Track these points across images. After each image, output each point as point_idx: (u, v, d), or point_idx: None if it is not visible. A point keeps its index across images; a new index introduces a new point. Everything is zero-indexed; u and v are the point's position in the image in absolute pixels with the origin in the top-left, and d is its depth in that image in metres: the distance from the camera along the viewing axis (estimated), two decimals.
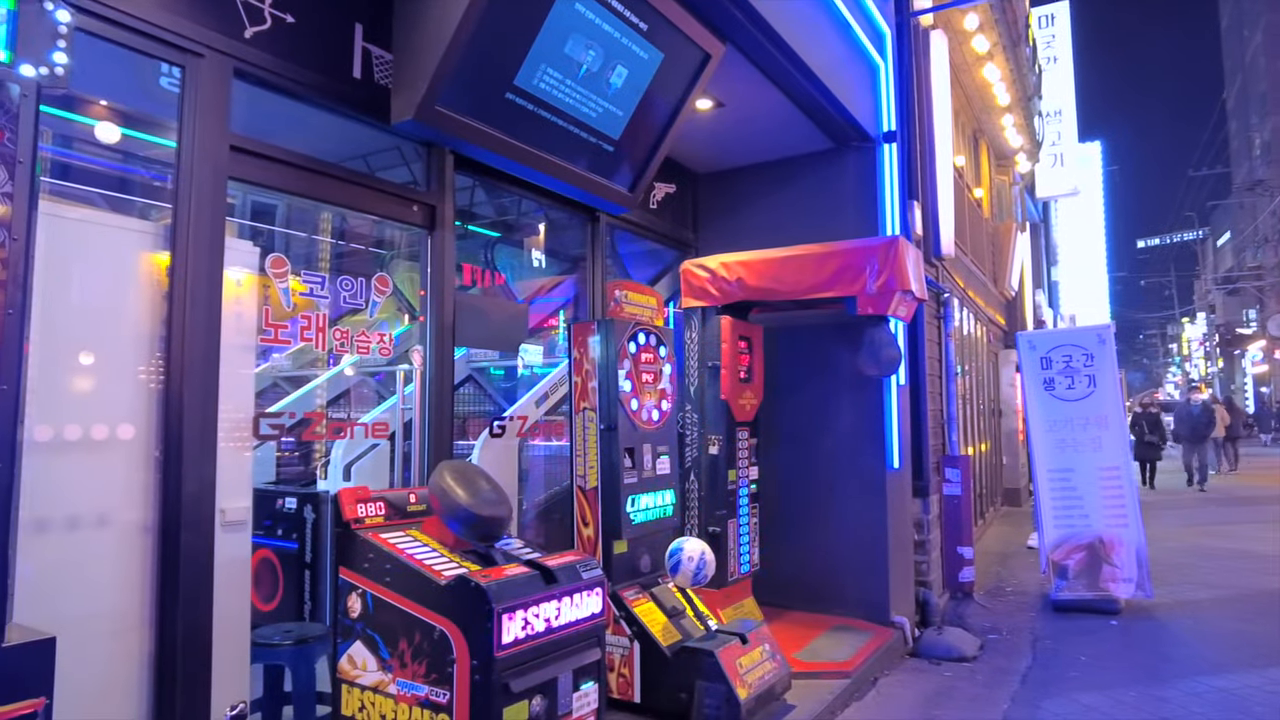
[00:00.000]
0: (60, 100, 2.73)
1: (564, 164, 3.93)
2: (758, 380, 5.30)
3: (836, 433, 5.46)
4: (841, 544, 5.37)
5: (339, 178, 3.38)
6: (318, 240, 4.85)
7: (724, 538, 4.89)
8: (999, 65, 9.66)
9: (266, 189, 3.22)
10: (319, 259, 4.83)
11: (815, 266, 4.68)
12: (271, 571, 4.15)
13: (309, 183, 3.28)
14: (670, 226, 5.94)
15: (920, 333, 6.20)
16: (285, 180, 3.21)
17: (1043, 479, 6.21)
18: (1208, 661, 4.95)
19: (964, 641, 5.31)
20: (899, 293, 4.48)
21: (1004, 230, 12.26)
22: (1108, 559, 5.91)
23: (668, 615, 3.83)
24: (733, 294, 4.95)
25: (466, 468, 2.91)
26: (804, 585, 5.43)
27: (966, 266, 9.56)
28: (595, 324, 3.97)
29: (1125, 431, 6.11)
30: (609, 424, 3.89)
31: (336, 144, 3.61)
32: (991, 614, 6.10)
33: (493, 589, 2.38)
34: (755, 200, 6.04)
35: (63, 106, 2.98)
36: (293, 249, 4.95)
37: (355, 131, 3.60)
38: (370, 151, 4.00)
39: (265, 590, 4.12)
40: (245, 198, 4.14)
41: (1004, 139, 11.96)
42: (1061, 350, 6.23)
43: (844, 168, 5.66)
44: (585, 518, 3.90)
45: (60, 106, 2.92)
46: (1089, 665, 4.92)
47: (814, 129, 5.36)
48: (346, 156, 3.80)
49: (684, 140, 5.55)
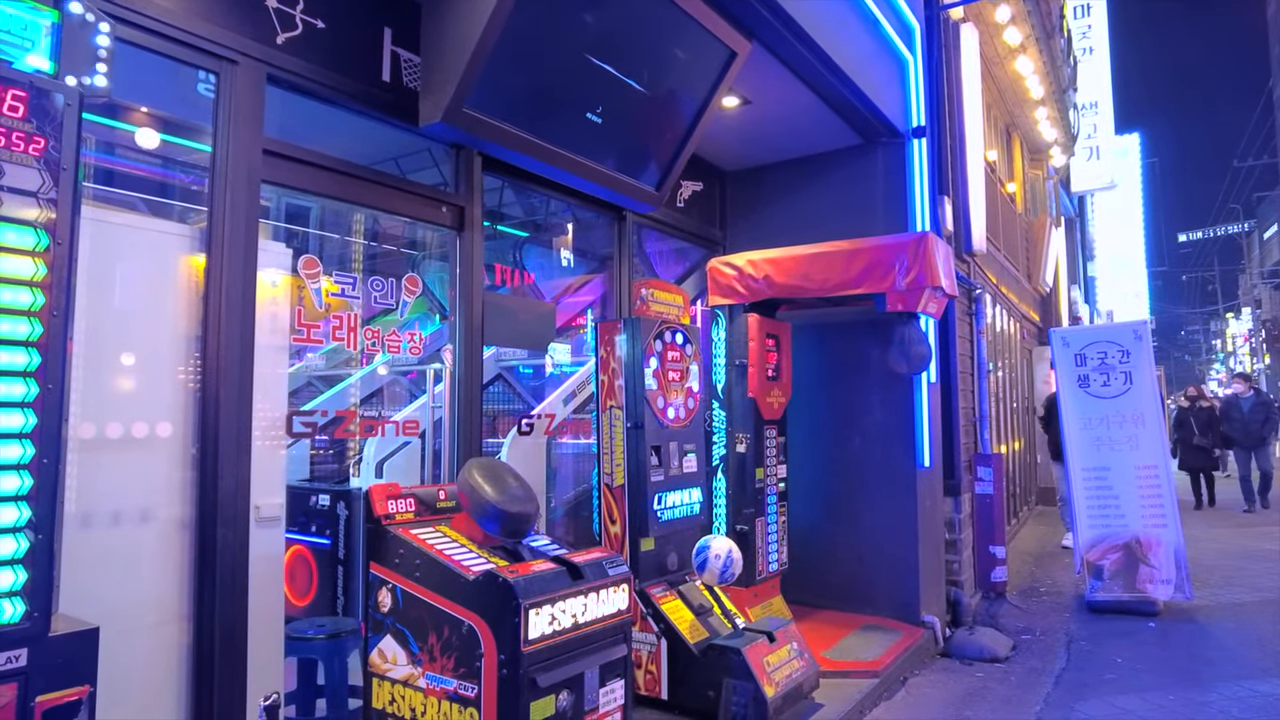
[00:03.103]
0: (101, 108, 2.81)
1: (591, 164, 3.96)
2: (785, 378, 5.28)
3: (866, 431, 5.42)
4: (871, 543, 5.33)
5: (369, 180, 3.44)
6: (351, 241, 4.93)
7: (752, 536, 4.88)
8: (1032, 58, 9.51)
9: (299, 191, 3.28)
10: (352, 260, 4.91)
11: (843, 264, 4.65)
12: (306, 567, 4.23)
13: (340, 185, 3.34)
14: (698, 224, 5.94)
15: (951, 330, 6.13)
16: (317, 183, 3.27)
17: (1077, 478, 6.10)
18: (1250, 666, 4.84)
19: (996, 642, 5.25)
20: (929, 289, 4.44)
21: (1038, 225, 12.06)
22: (1145, 560, 5.80)
23: (695, 613, 3.84)
24: (760, 292, 4.94)
25: (495, 465, 2.95)
26: (834, 584, 5.41)
27: (999, 262, 9.43)
28: (621, 323, 3.99)
29: (1163, 429, 5.98)
30: (635, 422, 3.91)
31: (368, 147, 3.68)
32: (1025, 614, 6.01)
33: (520, 584, 2.41)
34: (783, 197, 6.02)
35: (103, 114, 3.07)
36: (327, 250, 5.04)
37: (386, 134, 3.66)
38: (402, 154, 4.07)
39: (300, 585, 4.21)
40: (280, 200, 4.23)
41: (1037, 133, 11.77)
42: (1096, 347, 6.12)
43: (872, 164, 5.61)
44: (613, 515, 3.92)
45: (101, 114, 3.00)
46: (1125, 668, 4.83)
47: (842, 125, 5.33)
48: (378, 159, 3.86)
49: (711, 138, 5.55)
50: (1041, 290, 12.12)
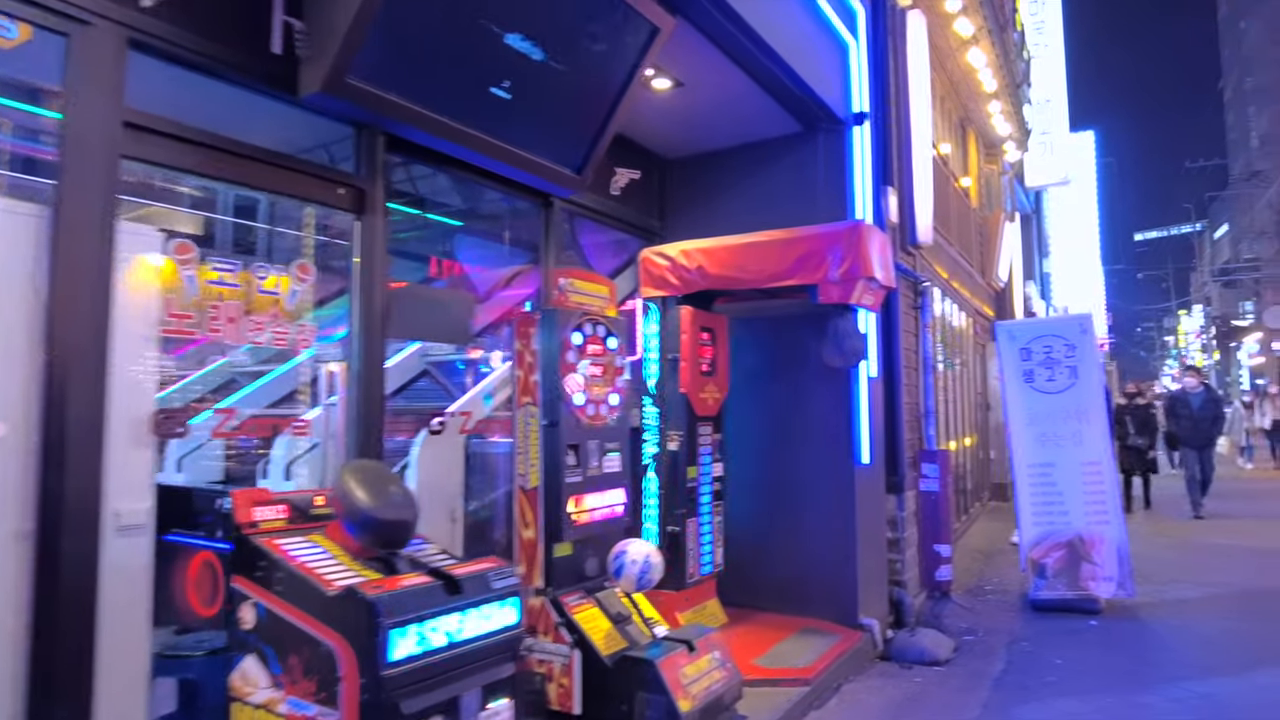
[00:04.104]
0: None
1: (502, 144, 3.72)
2: (722, 373, 5.09)
3: (805, 427, 5.25)
4: (810, 543, 5.16)
5: (251, 158, 3.16)
6: (254, 226, 4.63)
7: (683, 537, 4.69)
8: (984, 50, 9.43)
9: (168, 169, 3.00)
10: (253, 245, 4.61)
11: (777, 254, 4.46)
12: (211, 575, 3.93)
13: (217, 163, 3.06)
14: (635, 214, 5.71)
15: (895, 323, 5.98)
16: (190, 160, 2.99)
17: (1022, 474, 5.99)
18: (1190, 665, 4.75)
19: (938, 644, 5.11)
20: (862, 280, 4.26)
21: (992, 220, 12.03)
22: (1088, 557, 5.70)
23: (613, 621, 3.62)
24: (694, 283, 4.74)
25: (374, 469, 2.70)
26: (772, 586, 5.22)
27: (951, 257, 9.34)
28: (537, 315, 3.76)
29: (1107, 425, 5.89)
30: (552, 420, 3.68)
31: (292, 132, 3.41)
32: (970, 614, 5.89)
33: (382, 601, 2.17)
34: (725, 187, 5.81)
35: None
36: (230, 236, 4.74)
37: (314, 120, 3.39)
38: (334, 140, 3.80)
39: (205, 594, 3.90)
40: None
41: (991, 127, 11.73)
42: (1042, 340, 6.01)
43: (813, 152, 5.43)
44: (526, 519, 3.69)
45: None
46: (1066, 669, 4.71)
47: (780, 111, 5.14)
48: (306, 146, 3.59)
49: (647, 123, 5.33)
50: (995, 286, 12.09)
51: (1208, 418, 10.48)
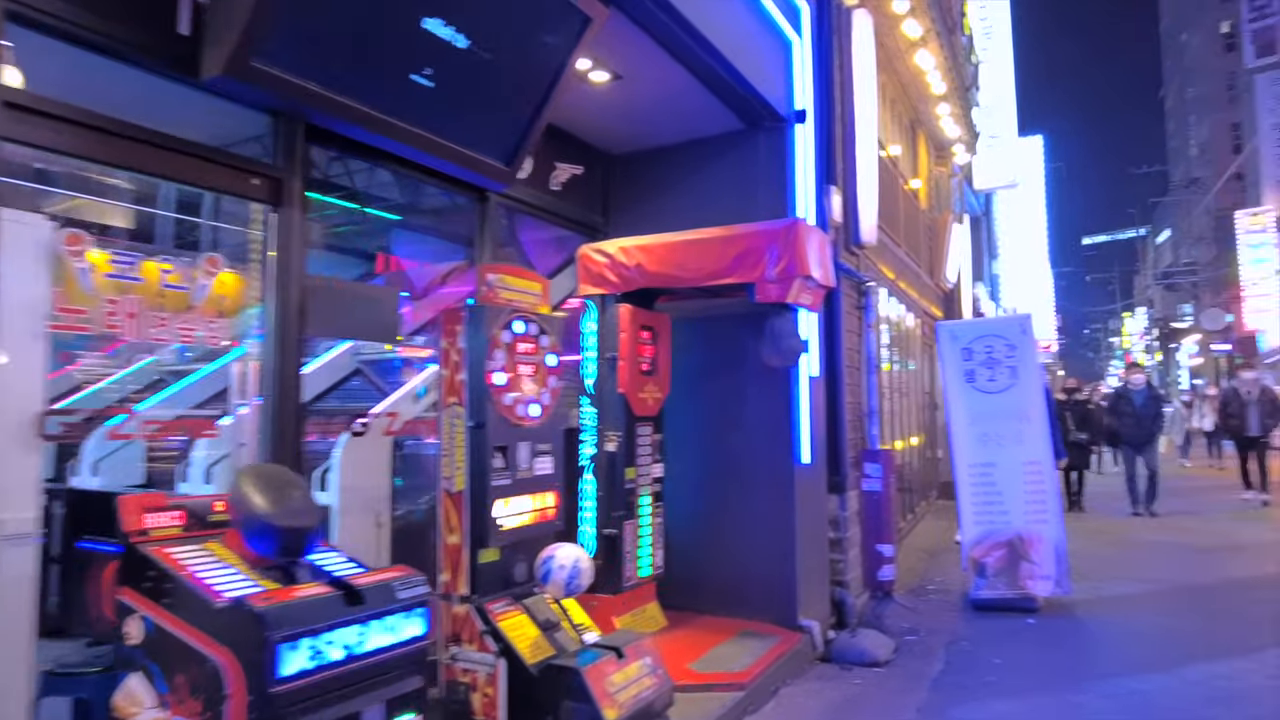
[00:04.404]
0: None
1: (427, 134, 3.58)
2: (663, 373, 5.00)
3: (746, 427, 5.19)
4: (751, 544, 5.10)
5: (151, 144, 2.98)
6: (171, 217, 4.44)
7: (621, 540, 4.59)
8: (933, 53, 9.50)
9: (54, 153, 2.81)
10: (168, 238, 4.41)
11: (716, 252, 4.39)
12: None
13: (111, 148, 2.88)
14: (577, 210, 5.60)
15: (838, 323, 5.96)
16: (81, 144, 2.81)
17: (963, 474, 6.02)
18: (1124, 661, 4.80)
19: (878, 645, 5.09)
20: (799, 279, 4.21)
21: (941, 222, 12.16)
22: (1026, 556, 5.74)
23: (541, 629, 3.51)
24: (633, 280, 4.65)
25: (274, 473, 2.55)
26: (713, 588, 5.15)
27: (899, 258, 9.40)
28: (463, 311, 3.63)
29: (1047, 425, 5.93)
30: (478, 421, 3.55)
31: (212, 120, 3.24)
32: (912, 614, 5.89)
33: (271, 613, 2.03)
34: (669, 184, 5.73)
35: None
36: (170, 231, 4.55)
37: (234, 107, 3.23)
38: (265, 133, 3.63)
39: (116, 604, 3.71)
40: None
41: (941, 129, 11.85)
42: (983, 340, 6.04)
43: (756, 149, 5.38)
44: (451, 524, 3.55)
45: None
46: (1003, 668, 4.72)
47: (722, 107, 5.07)
48: (238, 138, 3.43)
49: (588, 118, 5.23)
50: (944, 287, 12.23)
51: (1150, 415, 10.42)
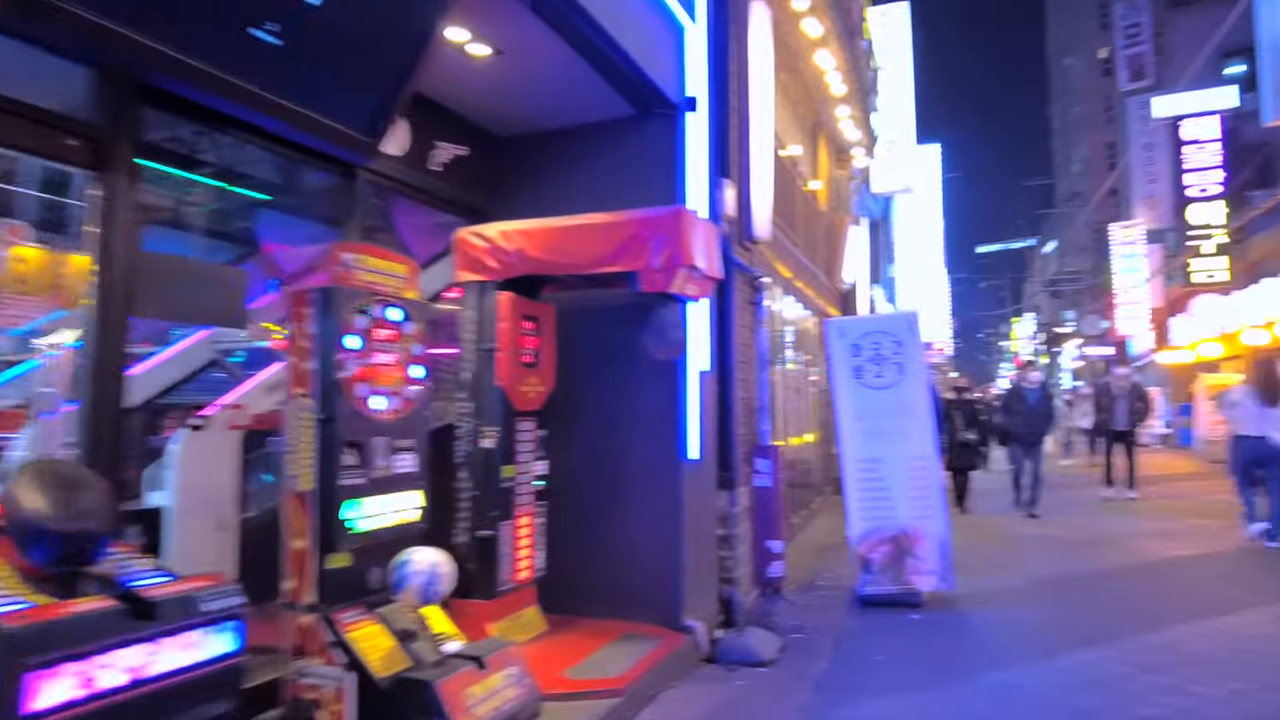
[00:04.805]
0: None
1: (275, 98, 3.25)
2: (547, 365, 4.78)
3: (635, 422, 5.02)
4: (637, 543, 4.94)
5: None
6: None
7: (496, 542, 4.35)
8: (834, 54, 9.60)
9: None
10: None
11: (599, 238, 4.20)
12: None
13: None
14: (460, 193, 5.32)
15: (730, 318, 5.87)
16: None
17: (851, 470, 6.03)
18: (1001, 654, 4.86)
19: (764, 643, 5.00)
20: (684, 269, 4.07)
21: (839, 224, 12.36)
22: (911, 551, 5.79)
23: (397, 639, 3.24)
24: (513, 267, 4.41)
25: (61, 470, 2.21)
26: (598, 589, 4.96)
27: (797, 257, 9.45)
28: (313, 292, 3.32)
29: (932, 421, 6.00)
30: (328, 414, 3.25)
31: (50, 81, 2.84)
32: (800, 611, 5.85)
33: (20, 635, 1.71)
34: (559, 170, 5.51)
35: None
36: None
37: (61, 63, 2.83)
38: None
39: None
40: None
41: (841, 132, 12.04)
42: (871, 337, 6.07)
43: (646, 137, 5.21)
44: (296, 527, 3.24)
45: None
46: (885, 665, 4.70)
47: (611, 90, 4.88)
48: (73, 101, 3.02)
49: (472, 96, 4.97)
50: (841, 287, 12.43)
51: (1041, 414, 10.36)
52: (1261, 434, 7.65)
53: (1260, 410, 7.69)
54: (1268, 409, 7.64)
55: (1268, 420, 7.63)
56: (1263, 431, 7.65)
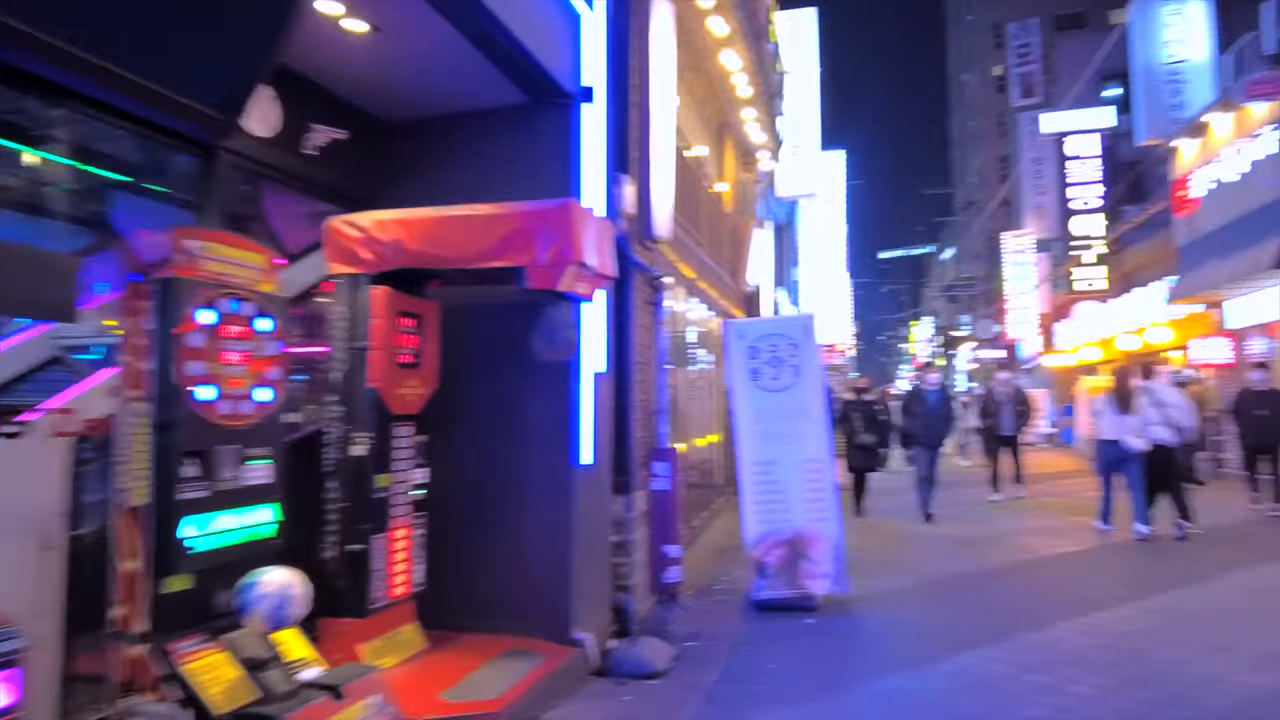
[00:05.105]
0: None
1: (112, 67, 2.89)
2: (429, 366, 4.50)
3: (525, 427, 4.79)
4: (524, 554, 4.71)
5: None
6: None
7: (368, 557, 4.05)
8: (740, 54, 9.56)
9: None
10: None
11: (484, 230, 3.95)
12: None
13: None
14: (341, 181, 4.97)
15: (629, 318, 5.71)
16: None
17: (747, 472, 5.96)
18: (891, 658, 4.86)
19: (657, 653, 4.86)
20: (574, 265, 3.87)
21: (744, 226, 12.40)
22: (806, 555, 5.76)
23: (246, 669, 2.93)
24: (390, 259, 4.11)
25: None
26: (484, 603, 4.71)
27: (700, 257, 9.39)
28: (151, 284, 2.96)
29: (827, 423, 6.00)
30: (165, 420, 2.91)
31: None
32: (697, 617, 5.75)
33: None
34: (450, 158, 5.22)
35: None
36: None
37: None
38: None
39: None
40: None
41: (746, 134, 12.07)
42: (769, 339, 6.02)
43: (539, 127, 4.99)
44: (128, 547, 2.88)
45: None
46: (777, 673, 4.63)
47: (500, 75, 4.63)
48: None
49: (353, 76, 4.65)
50: (746, 289, 12.48)
51: (941, 415, 10.21)
52: (1118, 438, 8.41)
53: (1117, 417, 8.48)
54: (1123, 416, 8.44)
55: (1124, 426, 8.40)
56: (1119, 436, 8.41)
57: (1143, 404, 8.43)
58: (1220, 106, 14.86)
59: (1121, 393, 8.55)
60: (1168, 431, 8.39)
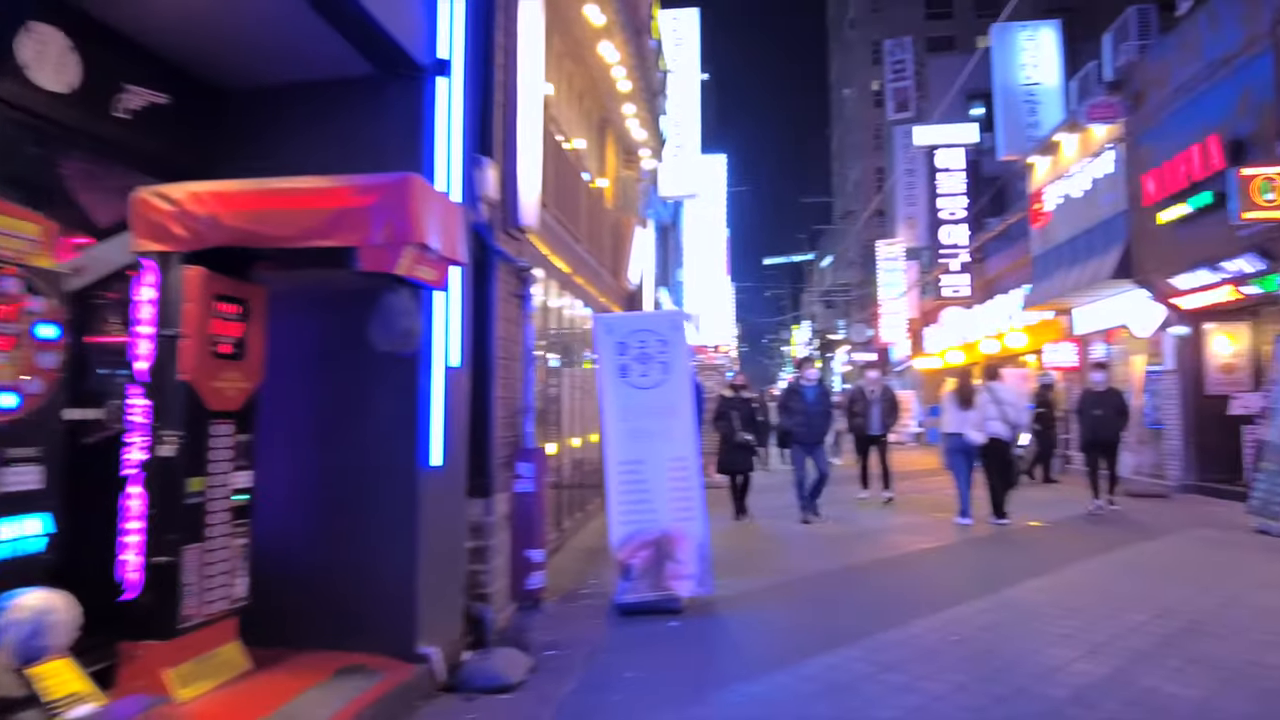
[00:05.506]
0: None
1: None
2: (255, 357, 4.06)
3: (367, 425, 4.42)
4: (366, 562, 4.33)
5: None
6: None
7: (177, 570, 3.59)
8: (618, 47, 9.39)
9: None
10: None
11: (311, 205, 3.57)
12: None
13: None
14: (162, 150, 4.43)
15: (491, 310, 5.41)
16: None
17: (613, 472, 5.76)
18: (751, 661, 4.75)
19: (512, 665, 4.58)
20: (413, 247, 3.55)
21: (626, 224, 12.27)
22: (671, 555, 5.62)
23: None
24: (205, 236, 3.66)
25: None
26: (320, 617, 4.30)
27: (578, 252, 9.16)
28: None
29: (694, 421, 5.88)
30: None
31: None
32: (559, 624, 5.50)
33: None
34: (292, 132, 4.75)
35: None
36: None
37: None
38: None
39: None
40: None
41: (628, 130, 11.94)
42: (638, 335, 5.84)
43: (388, 103, 4.62)
44: None
45: None
46: (634, 683, 4.43)
47: (343, 41, 4.24)
48: None
49: (175, 33, 4.18)
50: (627, 287, 12.35)
51: (821, 412, 9.95)
52: (961, 431, 9.42)
53: (959, 413, 9.51)
54: (964, 412, 9.46)
55: (965, 421, 9.42)
56: (961, 429, 9.42)
57: (982, 401, 9.42)
58: (1068, 127, 15.91)
59: (963, 392, 9.55)
60: (1003, 427, 9.37)
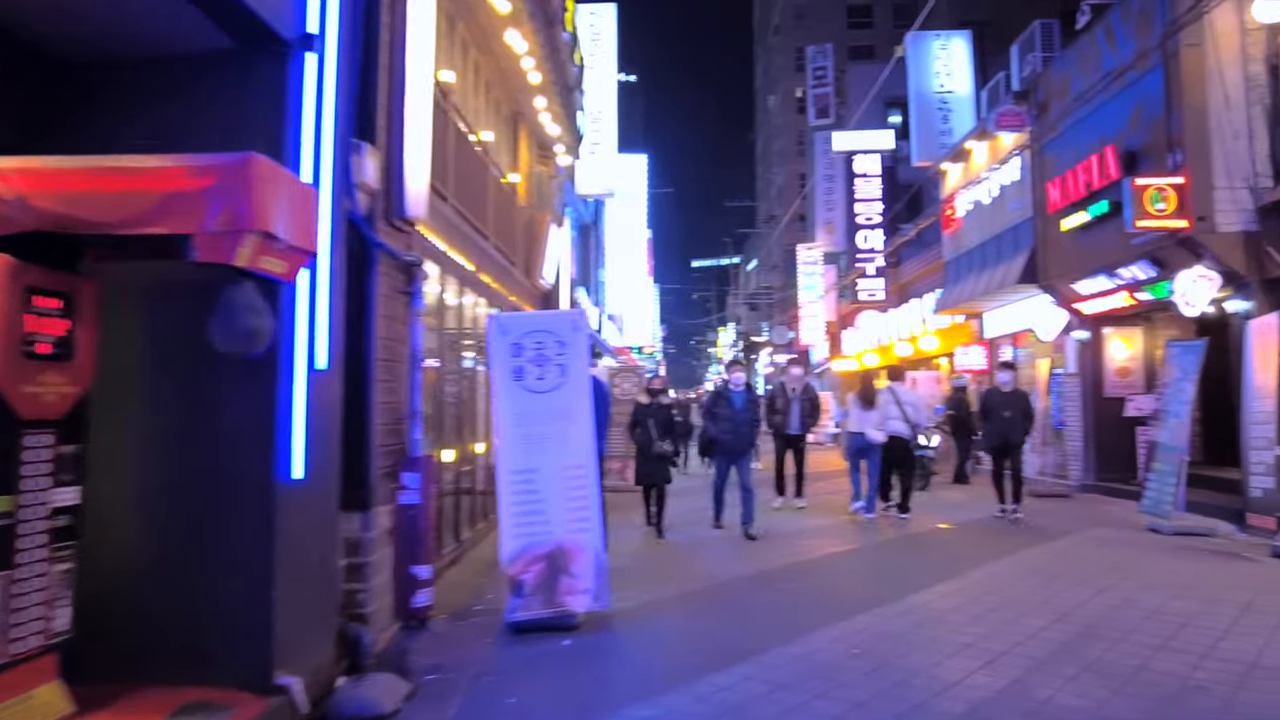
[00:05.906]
0: None
1: None
2: (83, 359, 3.59)
3: (215, 434, 3.97)
4: (215, 586, 3.90)
5: None
6: None
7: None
8: (526, 37, 9.07)
9: None
10: None
11: (138, 187, 3.15)
12: None
13: None
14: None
15: (371, 308, 5.04)
16: None
17: (505, 482, 5.42)
18: (644, 682, 4.48)
19: (388, 692, 4.23)
20: (255, 235, 3.17)
21: (540, 221, 11.94)
22: (566, 570, 5.32)
23: None
24: (15, 220, 3.19)
25: None
26: (161, 649, 3.84)
27: (483, 248, 8.79)
28: None
29: (593, 426, 5.59)
30: None
31: None
32: (445, 645, 5.16)
33: None
34: (140, 111, 4.26)
35: None
36: None
37: None
38: None
39: None
40: None
41: (541, 125, 11.63)
42: (534, 336, 5.53)
43: (249, 81, 4.19)
44: None
45: None
46: (515, 710, 4.13)
47: (196, 10, 3.80)
48: None
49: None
50: (541, 287, 12.00)
51: (748, 420, 9.23)
52: (862, 430, 9.85)
53: (861, 413, 9.95)
54: (866, 412, 9.91)
55: (866, 420, 9.86)
56: (862, 429, 9.85)
57: (883, 401, 9.97)
58: (978, 135, 16.30)
59: (866, 393, 10.01)
60: (904, 426, 10.01)
